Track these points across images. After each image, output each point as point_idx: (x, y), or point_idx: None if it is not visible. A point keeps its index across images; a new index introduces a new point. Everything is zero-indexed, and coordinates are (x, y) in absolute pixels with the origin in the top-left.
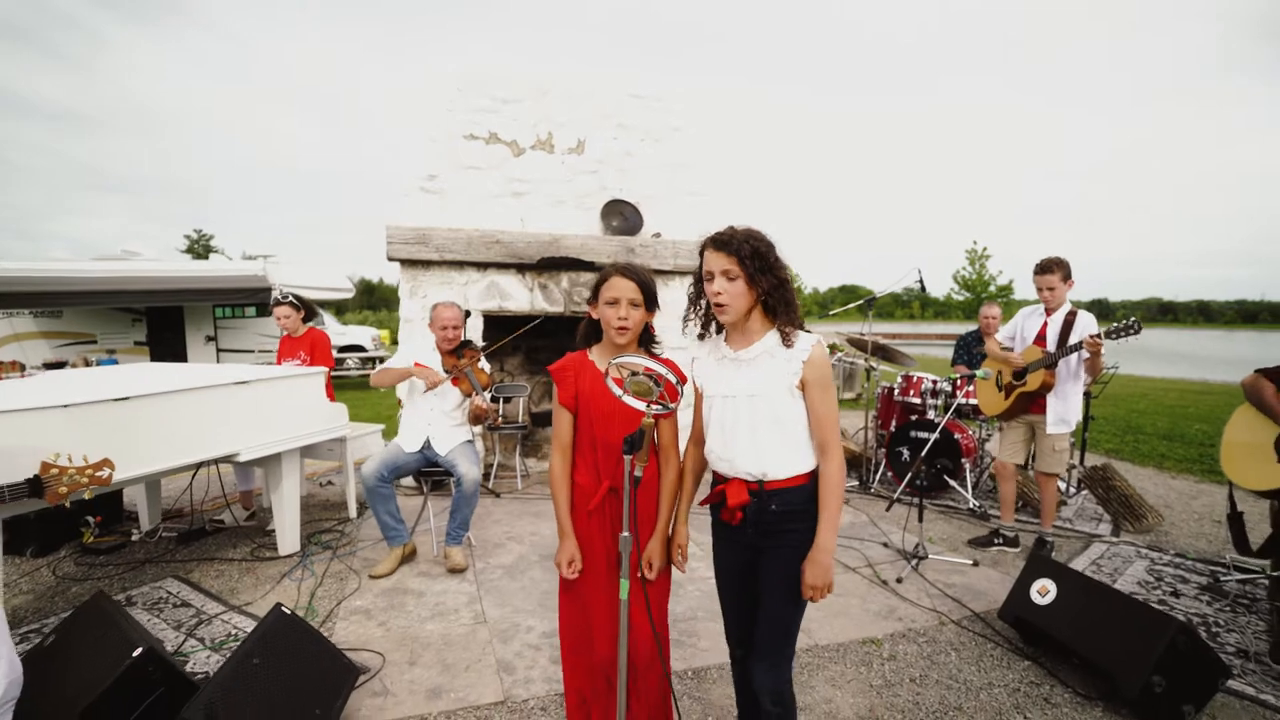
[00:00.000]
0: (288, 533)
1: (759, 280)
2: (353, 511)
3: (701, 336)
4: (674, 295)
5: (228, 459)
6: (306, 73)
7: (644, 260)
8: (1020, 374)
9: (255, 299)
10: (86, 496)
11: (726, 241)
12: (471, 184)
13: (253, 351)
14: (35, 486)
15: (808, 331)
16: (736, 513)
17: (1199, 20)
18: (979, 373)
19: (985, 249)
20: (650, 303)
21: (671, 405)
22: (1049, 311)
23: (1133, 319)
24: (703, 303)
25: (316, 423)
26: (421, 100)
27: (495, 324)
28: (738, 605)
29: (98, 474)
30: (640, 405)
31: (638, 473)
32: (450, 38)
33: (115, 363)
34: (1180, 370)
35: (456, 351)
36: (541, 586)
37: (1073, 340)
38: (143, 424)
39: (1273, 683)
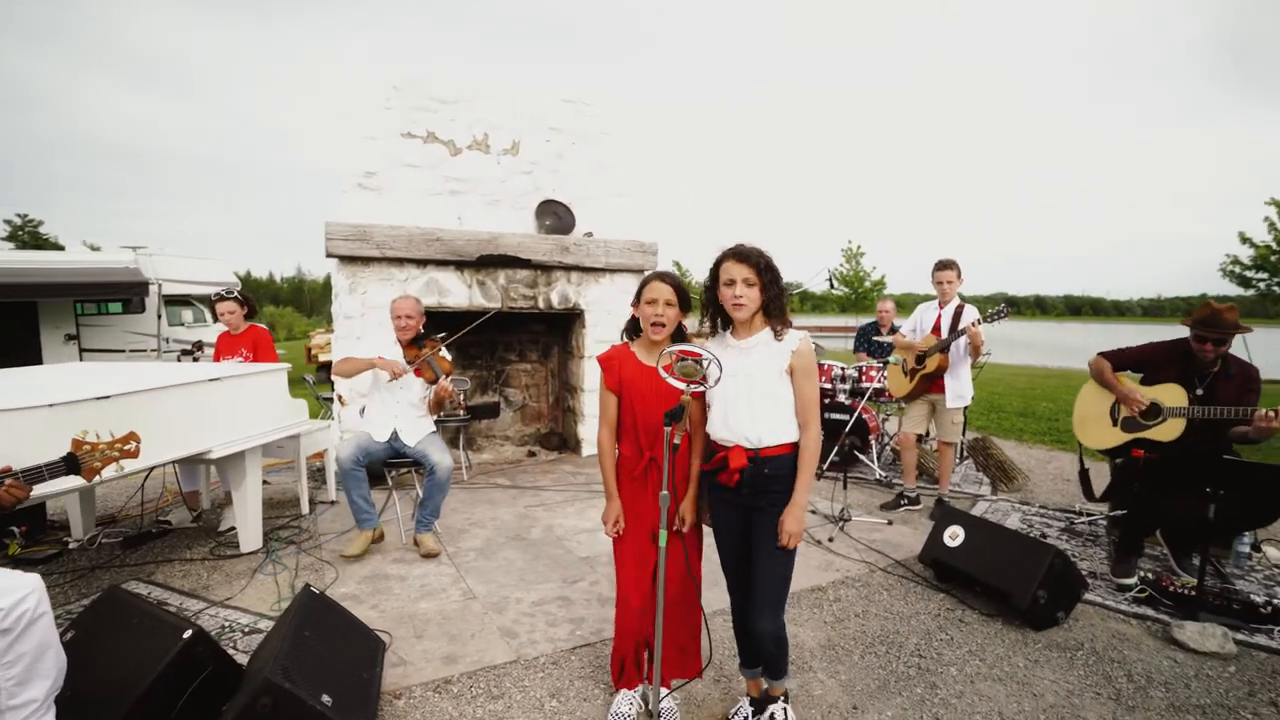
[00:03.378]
0: (250, 529)
1: (768, 288)
2: (305, 507)
3: (712, 332)
4: (604, 292)
5: (200, 457)
6: (143, 50)
7: (578, 258)
8: (921, 358)
9: (126, 294)
10: (118, 471)
11: (747, 255)
12: (409, 181)
13: (123, 351)
14: (71, 463)
15: (796, 328)
16: (734, 474)
17: (1075, 18)
18: (892, 359)
19: (859, 247)
20: (684, 304)
21: (707, 385)
22: (942, 305)
23: (1002, 305)
24: (711, 308)
25: (280, 419)
26: (356, 96)
27: (433, 320)
28: (734, 557)
29: (125, 448)
30: (681, 385)
31: (676, 440)
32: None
33: None
34: (1025, 357)
35: (416, 342)
36: (517, 565)
37: (961, 328)
38: (124, 423)
39: (1113, 593)
